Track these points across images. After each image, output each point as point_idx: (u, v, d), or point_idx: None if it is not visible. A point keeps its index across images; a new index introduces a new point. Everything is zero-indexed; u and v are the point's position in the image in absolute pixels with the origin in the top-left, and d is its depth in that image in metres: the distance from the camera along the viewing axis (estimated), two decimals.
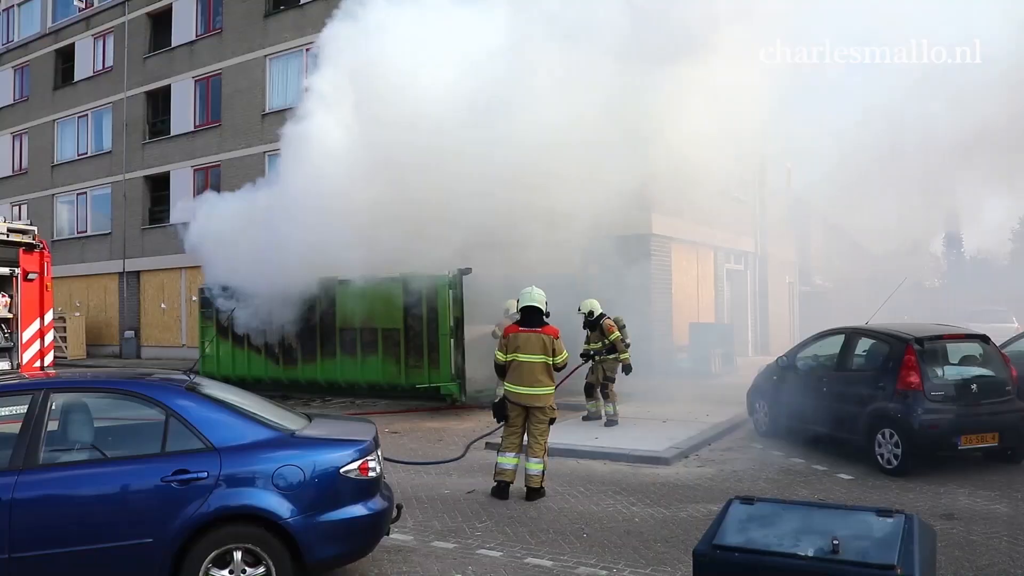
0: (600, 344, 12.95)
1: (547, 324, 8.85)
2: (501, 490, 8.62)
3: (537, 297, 8.83)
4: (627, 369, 12.87)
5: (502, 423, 8.96)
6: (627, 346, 13.10)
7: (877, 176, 15.53)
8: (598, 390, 13.17)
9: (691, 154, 14.88)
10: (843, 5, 14.14)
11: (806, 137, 15.06)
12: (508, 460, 8.64)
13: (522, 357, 8.59)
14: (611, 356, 12.88)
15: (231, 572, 5.20)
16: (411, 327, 15.58)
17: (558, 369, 8.82)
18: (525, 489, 8.61)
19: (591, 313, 13.08)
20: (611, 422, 12.80)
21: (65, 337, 29.32)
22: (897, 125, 14.29)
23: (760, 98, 14.24)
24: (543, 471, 8.64)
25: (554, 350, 8.66)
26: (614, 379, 12.99)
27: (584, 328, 13.32)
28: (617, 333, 12.84)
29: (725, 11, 13.71)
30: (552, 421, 8.86)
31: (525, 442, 8.81)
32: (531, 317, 8.75)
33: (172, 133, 30.26)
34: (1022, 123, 13.87)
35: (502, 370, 8.83)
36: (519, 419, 8.72)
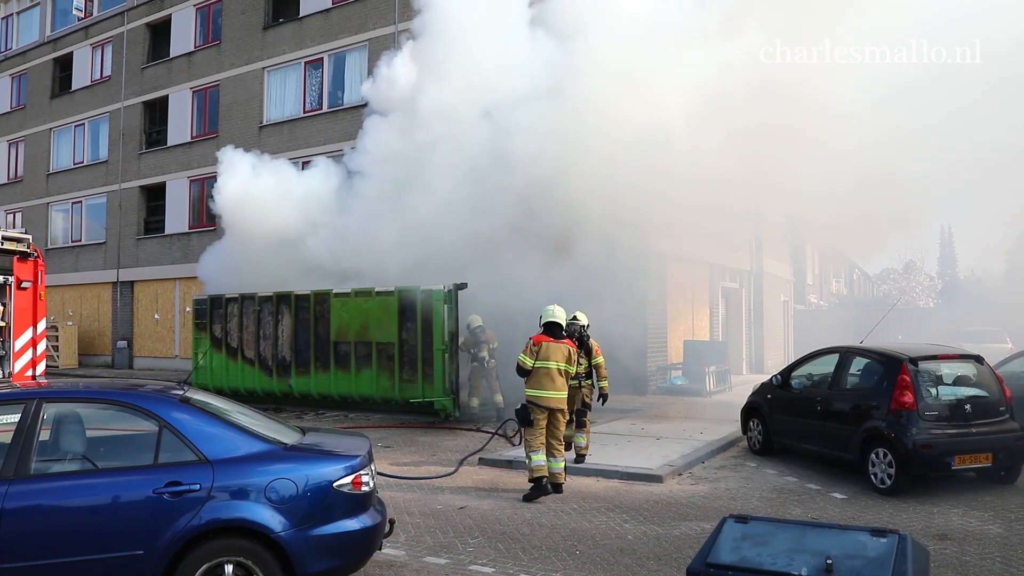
0: (584, 365, 11.22)
1: (566, 337, 9.96)
2: (543, 487, 9.31)
3: (559, 314, 9.90)
4: (604, 398, 11.59)
5: (525, 427, 9.65)
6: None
7: (876, 194, 15.57)
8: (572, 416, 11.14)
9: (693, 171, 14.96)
10: (843, 5, 14.18)
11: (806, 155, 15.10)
12: (543, 457, 9.44)
13: (552, 364, 9.55)
14: (588, 380, 11.33)
15: None
16: (405, 341, 15.56)
17: (573, 377, 10.08)
18: (550, 487, 9.38)
19: (586, 327, 11.62)
20: (580, 457, 11.09)
21: (57, 346, 29.22)
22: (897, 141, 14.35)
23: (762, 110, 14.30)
24: (564, 467, 9.67)
25: (572, 359, 9.81)
26: (591, 407, 11.45)
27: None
28: (602, 357, 11.53)
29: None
30: (569, 422, 10.08)
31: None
32: (554, 330, 9.79)
33: (169, 143, 30.26)
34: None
35: (524, 372, 9.66)
36: (543, 421, 9.53)
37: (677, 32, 14.84)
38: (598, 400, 11.64)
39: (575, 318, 12.74)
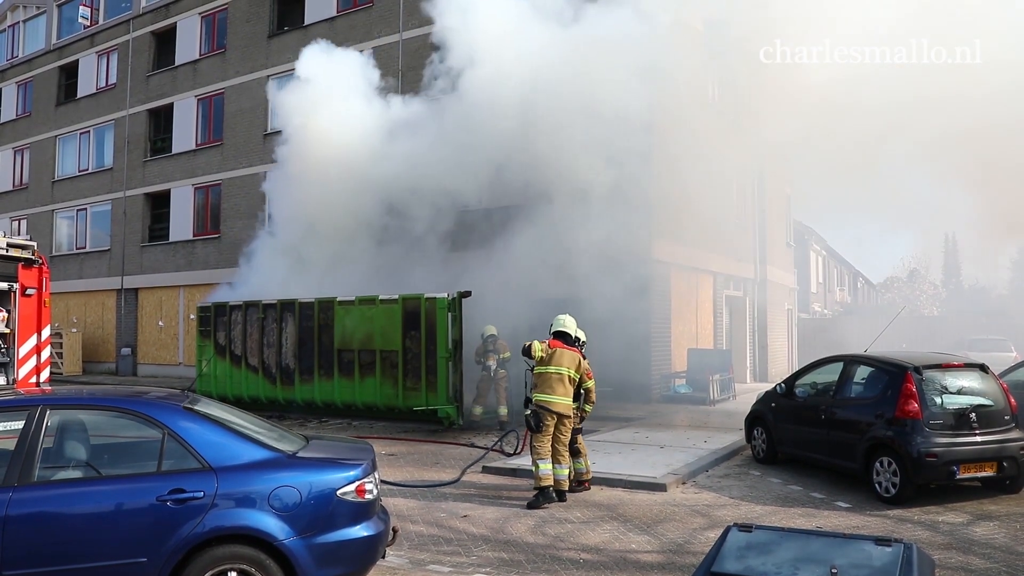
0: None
1: (575, 347, 10.01)
2: (548, 495, 9.36)
3: (568, 324, 10.10)
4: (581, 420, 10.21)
5: (534, 433, 9.62)
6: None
7: (878, 202, 15.63)
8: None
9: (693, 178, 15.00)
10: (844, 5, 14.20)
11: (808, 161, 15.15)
12: (550, 465, 9.48)
13: (564, 370, 9.66)
14: (575, 403, 9.91)
15: None
16: (409, 349, 15.57)
17: (577, 386, 9.83)
18: (555, 493, 9.43)
19: (579, 340, 10.27)
20: (581, 484, 10.20)
21: (61, 353, 29.24)
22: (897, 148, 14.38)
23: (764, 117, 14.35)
24: (569, 474, 9.72)
25: (581, 367, 9.81)
26: (581, 429, 10.34)
27: None
28: (593, 381, 10.10)
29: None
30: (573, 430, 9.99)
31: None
32: (565, 338, 9.99)
33: (173, 151, 30.33)
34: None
35: (528, 354, 9.81)
36: (552, 427, 9.55)
37: None
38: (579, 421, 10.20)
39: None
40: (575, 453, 10.10)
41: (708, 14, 15.56)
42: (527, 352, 9.83)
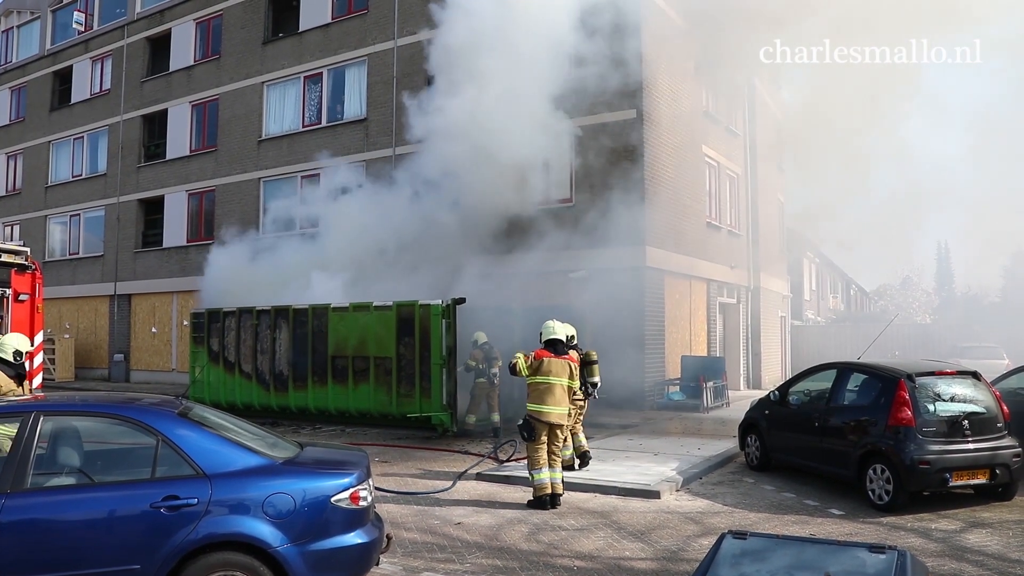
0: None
1: (569, 353, 10.02)
2: (543, 503, 9.46)
3: (559, 330, 9.98)
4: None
5: (527, 442, 9.68)
6: (594, 386, 11.25)
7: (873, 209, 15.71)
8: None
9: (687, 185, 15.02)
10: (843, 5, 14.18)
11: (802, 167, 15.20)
12: (546, 475, 9.53)
13: (553, 380, 9.62)
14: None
15: None
16: (403, 355, 15.55)
17: (573, 392, 10.00)
18: (549, 497, 9.49)
19: (572, 338, 10.80)
20: (584, 456, 11.26)
21: (53, 359, 29.14)
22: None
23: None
24: (562, 479, 9.82)
25: (574, 374, 9.86)
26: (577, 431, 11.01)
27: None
28: (576, 382, 10.18)
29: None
30: (566, 438, 10.21)
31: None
32: (555, 346, 9.85)
33: (167, 157, 30.26)
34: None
35: (514, 372, 9.77)
36: (545, 436, 9.61)
37: None
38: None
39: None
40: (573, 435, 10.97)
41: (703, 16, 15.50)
42: (513, 371, 9.74)
